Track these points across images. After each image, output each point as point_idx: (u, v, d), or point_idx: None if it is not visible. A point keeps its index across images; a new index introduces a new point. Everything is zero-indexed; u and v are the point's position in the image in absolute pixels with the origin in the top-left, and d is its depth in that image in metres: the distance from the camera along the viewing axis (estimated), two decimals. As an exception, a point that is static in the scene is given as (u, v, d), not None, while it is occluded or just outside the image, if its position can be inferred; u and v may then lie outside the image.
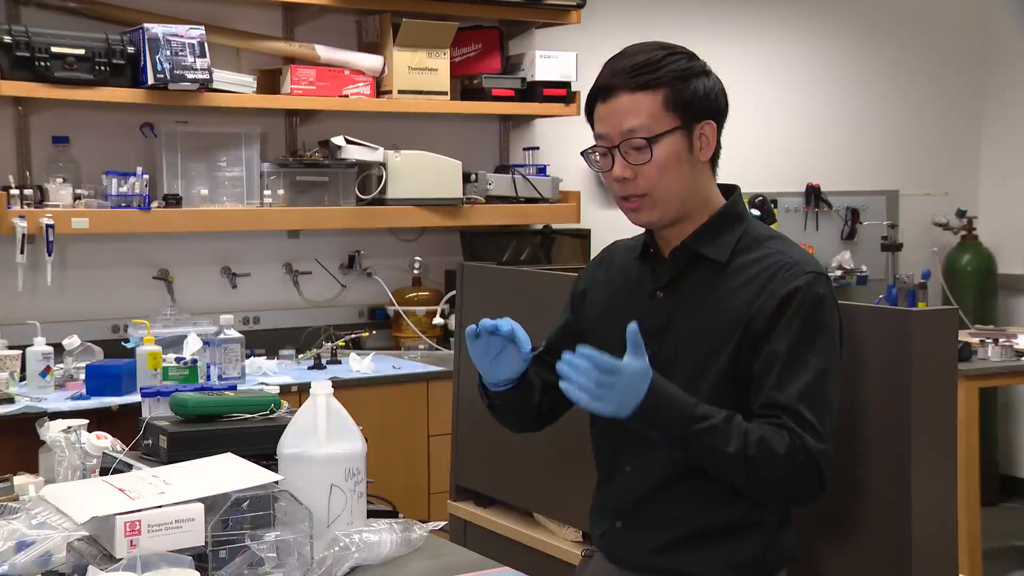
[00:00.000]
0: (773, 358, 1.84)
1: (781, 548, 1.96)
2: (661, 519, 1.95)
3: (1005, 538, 5.25)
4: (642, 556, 1.98)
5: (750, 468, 1.79)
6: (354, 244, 4.69)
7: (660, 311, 1.96)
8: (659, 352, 1.92)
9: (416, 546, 2.01)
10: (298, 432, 2.02)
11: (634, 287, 2.03)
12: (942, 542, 2.13)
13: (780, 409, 1.82)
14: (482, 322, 1.93)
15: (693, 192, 1.94)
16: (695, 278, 1.95)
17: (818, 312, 1.86)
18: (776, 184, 5.64)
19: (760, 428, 1.81)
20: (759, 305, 1.86)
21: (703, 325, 1.91)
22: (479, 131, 4.96)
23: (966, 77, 6.24)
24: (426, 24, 4.40)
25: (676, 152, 1.91)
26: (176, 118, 4.17)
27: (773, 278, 1.88)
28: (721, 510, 1.92)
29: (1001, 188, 6.19)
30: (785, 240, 1.98)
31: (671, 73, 1.90)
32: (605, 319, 2.05)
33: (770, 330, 1.85)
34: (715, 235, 1.95)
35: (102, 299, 4.22)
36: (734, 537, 1.92)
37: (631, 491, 1.98)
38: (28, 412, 3.33)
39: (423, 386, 4.12)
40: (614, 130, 1.91)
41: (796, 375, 1.83)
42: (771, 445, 1.78)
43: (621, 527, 2.01)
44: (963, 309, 5.63)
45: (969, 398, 4.22)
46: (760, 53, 5.60)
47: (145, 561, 1.65)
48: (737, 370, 1.88)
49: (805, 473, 1.81)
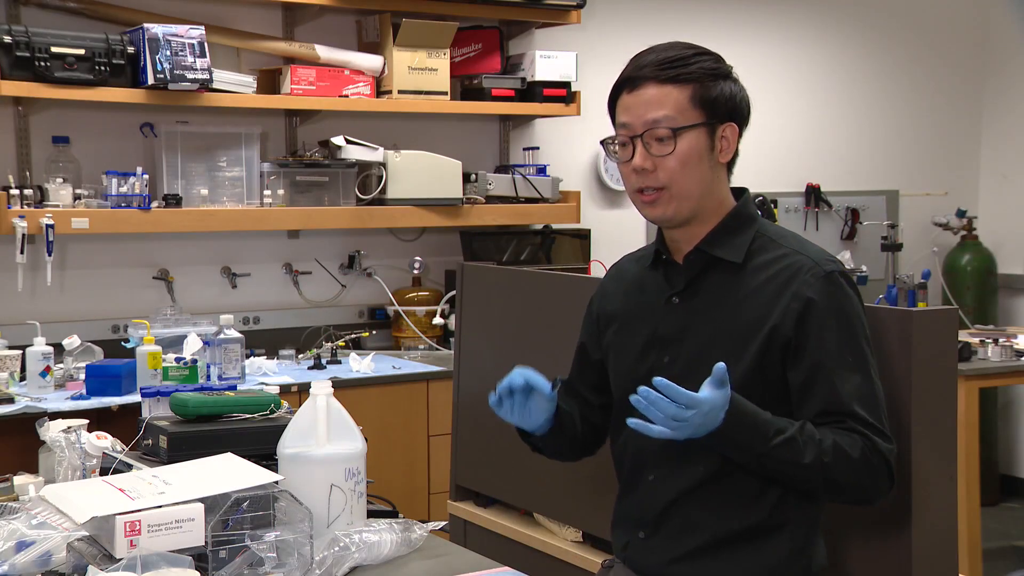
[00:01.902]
0: (817, 368, 1.84)
1: (809, 556, 1.93)
2: (684, 527, 1.94)
3: (1005, 538, 5.25)
4: (666, 565, 1.96)
5: (827, 475, 1.80)
6: (354, 244, 4.69)
7: (677, 316, 1.95)
8: (679, 357, 1.92)
9: (416, 546, 2.01)
10: (298, 432, 2.02)
11: (649, 294, 2.02)
12: (942, 542, 2.13)
13: (842, 416, 1.83)
14: (498, 387, 1.92)
15: (709, 193, 1.94)
16: (711, 282, 1.94)
17: (848, 310, 1.87)
18: (776, 184, 5.64)
19: (832, 433, 1.81)
20: (783, 309, 1.85)
21: (722, 329, 1.90)
22: (479, 131, 4.96)
23: (966, 77, 6.24)
24: (426, 24, 4.40)
25: (698, 148, 1.91)
26: (176, 118, 4.17)
27: (793, 279, 1.87)
28: (744, 516, 1.90)
29: (1001, 188, 6.19)
30: (798, 238, 1.98)
31: (700, 70, 1.91)
32: (623, 330, 2.04)
33: (804, 338, 1.84)
34: (729, 237, 1.94)
35: (102, 299, 4.22)
36: (758, 542, 1.90)
37: (654, 501, 1.97)
38: (28, 412, 3.33)
39: (423, 386, 4.12)
40: (638, 120, 1.91)
41: (845, 380, 1.83)
42: (846, 450, 1.80)
43: (644, 537, 2.00)
44: (963, 309, 5.64)
45: (969, 398, 4.22)
46: (760, 53, 5.60)
47: (145, 561, 1.65)
48: (764, 373, 1.87)
49: (879, 472, 1.84)
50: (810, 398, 1.85)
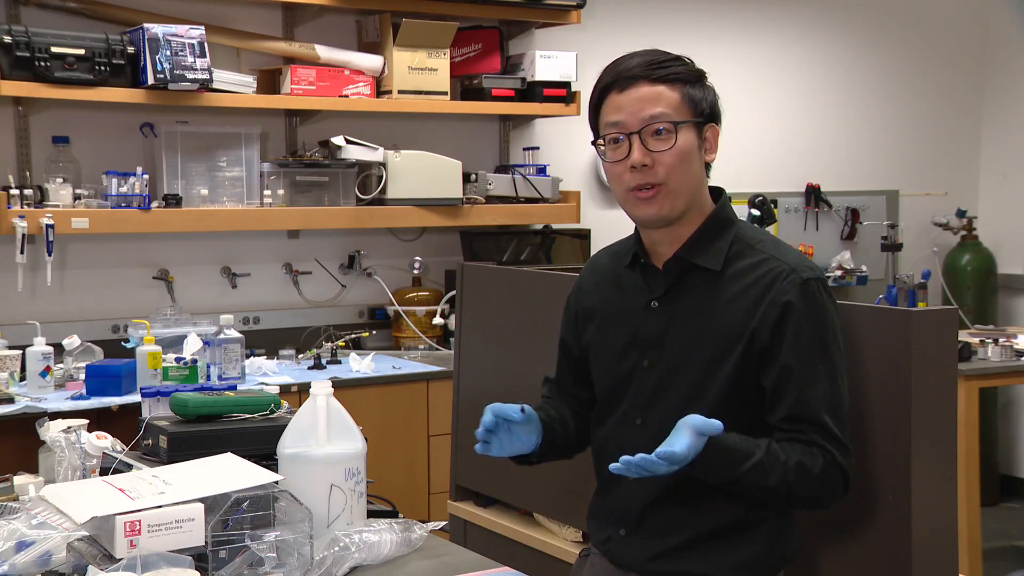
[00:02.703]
0: (787, 373, 1.87)
1: (784, 547, 1.98)
2: (666, 525, 1.96)
3: (1005, 538, 5.25)
4: (647, 561, 1.99)
5: (790, 492, 1.85)
6: (354, 244, 4.69)
7: (657, 321, 1.97)
8: (659, 362, 1.95)
9: (416, 546, 2.01)
10: (298, 432, 2.02)
11: (627, 296, 2.04)
12: (942, 542, 2.13)
13: (806, 423, 1.87)
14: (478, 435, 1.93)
15: (698, 191, 1.96)
16: (690, 287, 1.96)
17: (822, 318, 1.89)
18: (776, 184, 5.64)
19: (793, 451, 1.85)
20: (761, 316, 1.88)
21: (702, 335, 1.92)
22: (479, 131, 4.96)
23: (966, 77, 6.24)
24: (426, 24, 4.40)
25: (693, 145, 1.93)
26: (176, 118, 4.17)
27: (771, 286, 1.89)
28: (724, 511, 1.93)
29: (1001, 188, 6.19)
30: (776, 241, 2.00)
31: (686, 72, 1.95)
32: (603, 329, 2.06)
33: (777, 343, 1.87)
34: (707, 243, 1.96)
35: (102, 299, 4.22)
36: (738, 537, 1.94)
37: (635, 499, 1.99)
38: (28, 412, 3.33)
39: (423, 386, 4.12)
40: (633, 117, 1.91)
41: (813, 386, 1.86)
42: (808, 468, 1.85)
43: (625, 535, 2.02)
44: (963, 309, 5.64)
45: (969, 398, 4.23)
46: (760, 53, 5.60)
47: (145, 561, 1.65)
48: (742, 380, 1.89)
49: (836, 485, 1.89)
50: (779, 402, 1.88)
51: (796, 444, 1.86)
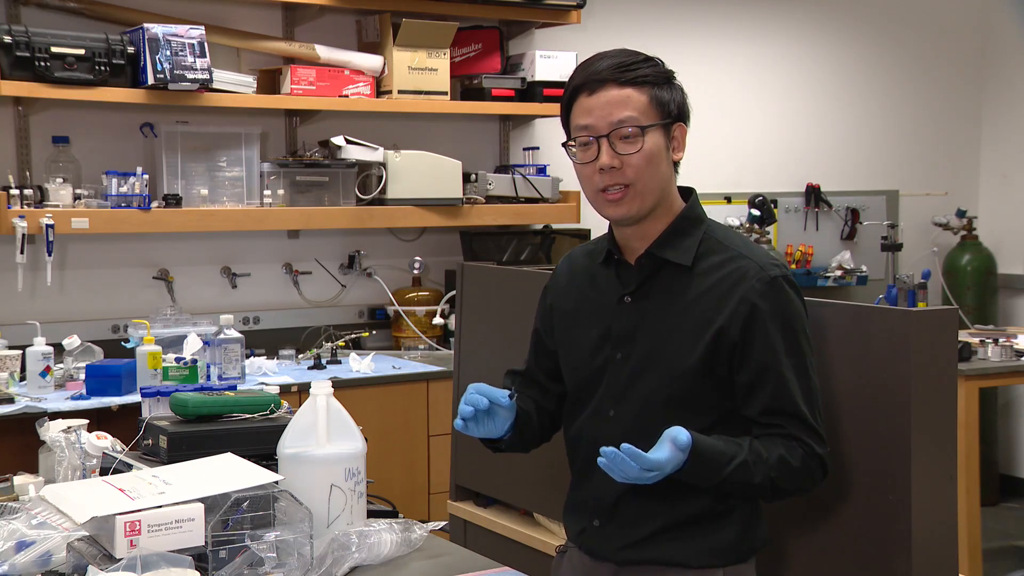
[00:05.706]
0: (762, 369, 1.93)
1: (755, 535, 2.04)
2: (638, 515, 2.01)
3: (1005, 538, 5.25)
4: (620, 550, 2.03)
5: (775, 487, 1.92)
6: (354, 244, 4.69)
7: (629, 316, 2.02)
8: (632, 355, 2.00)
9: (416, 546, 2.01)
10: (298, 432, 2.02)
11: (601, 292, 2.08)
12: (942, 542, 2.13)
13: (784, 416, 1.93)
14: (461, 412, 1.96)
15: (666, 190, 2.01)
16: (661, 283, 2.01)
17: (791, 314, 1.96)
18: (776, 184, 5.64)
19: (773, 445, 1.92)
20: (731, 312, 1.94)
21: (673, 328, 1.97)
22: (479, 131, 4.96)
23: (966, 77, 6.24)
24: (426, 24, 4.40)
25: (660, 146, 1.98)
26: (176, 118, 4.17)
27: (740, 283, 1.95)
28: (696, 500, 1.97)
29: (1001, 188, 6.19)
30: (745, 239, 2.07)
31: (654, 74, 1.99)
32: (576, 325, 2.11)
33: (749, 341, 1.93)
34: (678, 240, 2.01)
35: (102, 299, 4.22)
36: (711, 524, 1.99)
37: (608, 490, 2.02)
38: (28, 412, 3.33)
39: (423, 386, 4.12)
40: (602, 120, 1.96)
41: (788, 381, 1.93)
42: (788, 462, 1.92)
43: (599, 525, 2.06)
44: (963, 309, 5.64)
45: (969, 398, 4.23)
46: (760, 53, 5.60)
47: (145, 561, 1.65)
48: (712, 371, 1.95)
49: (815, 474, 1.95)
50: (756, 397, 1.94)
51: (776, 439, 1.93)
